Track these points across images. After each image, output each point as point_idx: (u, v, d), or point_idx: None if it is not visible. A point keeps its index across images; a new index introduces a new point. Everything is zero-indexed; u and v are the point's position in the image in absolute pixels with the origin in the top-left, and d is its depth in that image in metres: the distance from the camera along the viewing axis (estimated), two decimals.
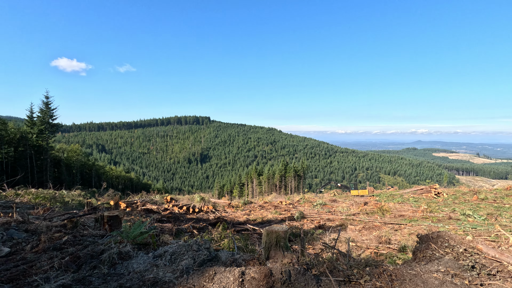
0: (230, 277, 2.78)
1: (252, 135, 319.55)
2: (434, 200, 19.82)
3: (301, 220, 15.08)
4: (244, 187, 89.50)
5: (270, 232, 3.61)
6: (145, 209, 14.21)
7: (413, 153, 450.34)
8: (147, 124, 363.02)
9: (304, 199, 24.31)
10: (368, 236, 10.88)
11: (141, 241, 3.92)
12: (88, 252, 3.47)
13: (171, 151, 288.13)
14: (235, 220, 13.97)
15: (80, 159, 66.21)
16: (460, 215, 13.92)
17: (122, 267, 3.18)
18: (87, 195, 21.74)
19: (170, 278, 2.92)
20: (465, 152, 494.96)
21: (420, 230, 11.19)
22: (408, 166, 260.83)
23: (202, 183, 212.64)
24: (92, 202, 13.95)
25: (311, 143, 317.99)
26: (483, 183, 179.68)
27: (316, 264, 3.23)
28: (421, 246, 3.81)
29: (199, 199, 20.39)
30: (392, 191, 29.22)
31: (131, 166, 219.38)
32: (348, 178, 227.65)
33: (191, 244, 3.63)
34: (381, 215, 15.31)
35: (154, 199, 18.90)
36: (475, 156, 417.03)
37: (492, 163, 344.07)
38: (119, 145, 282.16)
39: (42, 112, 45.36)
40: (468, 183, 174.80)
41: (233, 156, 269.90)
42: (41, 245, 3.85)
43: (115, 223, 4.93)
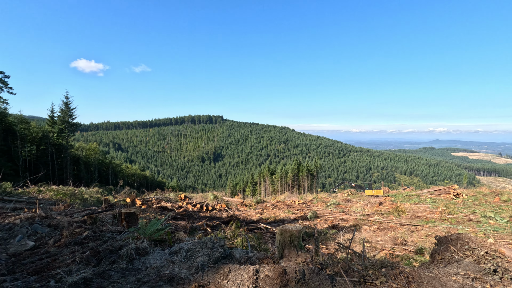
0: (244, 274, 2.81)
1: (264, 134, 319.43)
2: (452, 201, 19.19)
3: (314, 219, 14.97)
4: (256, 186, 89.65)
5: (284, 231, 3.61)
6: (160, 207, 14.50)
7: (431, 152, 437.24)
8: (162, 123, 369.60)
9: (317, 198, 24.10)
10: (383, 237, 10.67)
11: (157, 238, 4.02)
12: (107, 247, 3.59)
13: (185, 150, 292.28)
14: (248, 219, 14.03)
15: (98, 157, 68.24)
16: (480, 217, 13.43)
17: (140, 263, 3.27)
18: (104, 192, 22.38)
19: (186, 274, 2.98)
20: (486, 152, 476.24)
21: (438, 232, 10.87)
22: (425, 166, 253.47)
23: (215, 182, 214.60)
24: (109, 199, 14.35)
25: (325, 142, 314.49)
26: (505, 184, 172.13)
27: (330, 264, 3.21)
28: (440, 248, 3.71)
29: (212, 197, 20.60)
30: (408, 191, 28.51)
31: (146, 165, 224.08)
32: (363, 177, 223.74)
33: (205, 241, 3.69)
34: (397, 216, 14.98)
35: (168, 197, 19.25)
36: (497, 156, 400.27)
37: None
38: (135, 144, 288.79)
39: (62, 112, 47.04)
40: (489, 184, 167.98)
41: (246, 155, 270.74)
42: (63, 239, 4.02)
43: (132, 219, 5.07)
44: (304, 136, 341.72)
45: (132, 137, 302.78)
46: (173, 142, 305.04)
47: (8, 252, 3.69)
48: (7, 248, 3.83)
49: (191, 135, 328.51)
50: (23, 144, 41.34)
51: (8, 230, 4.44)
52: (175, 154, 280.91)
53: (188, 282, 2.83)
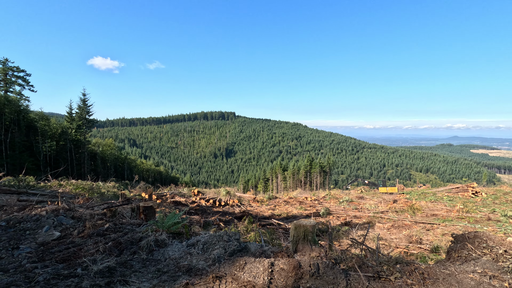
0: (259, 267, 2.89)
1: (277, 130, 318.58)
2: (471, 199, 18.65)
3: (326, 216, 14.93)
4: (268, 182, 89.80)
5: (298, 226, 3.67)
6: (174, 201, 14.83)
7: (448, 149, 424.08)
8: (175, 119, 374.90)
9: (330, 195, 23.95)
10: (397, 235, 10.55)
11: (175, 231, 4.16)
12: (128, 238, 3.76)
13: (198, 146, 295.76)
14: (260, 215, 14.15)
15: (114, 153, 70.09)
16: (500, 216, 13.02)
17: (159, 254, 3.41)
18: (121, 187, 23.03)
19: (203, 265, 3.09)
20: (508, 149, 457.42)
21: (455, 230, 10.64)
22: (442, 163, 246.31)
23: (227, 177, 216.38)
24: (125, 193, 14.80)
25: (338, 139, 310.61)
26: None
27: (344, 259, 3.24)
28: (456, 246, 3.67)
29: (225, 193, 20.84)
30: (424, 189, 27.87)
31: (160, 160, 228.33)
32: (376, 174, 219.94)
33: (221, 235, 3.80)
34: (412, 214, 14.72)
35: (182, 192, 19.62)
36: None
37: None
38: (149, 140, 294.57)
39: (80, 109, 48.53)
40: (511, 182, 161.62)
41: (258, 151, 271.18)
42: (86, 230, 4.23)
43: (150, 213, 5.25)
44: (316, 132, 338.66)
45: (146, 133, 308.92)
46: (186, 138, 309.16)
47: (37, 242, 3.92)
48: (35, 238, 4.07)
49: (204, 131, 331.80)
50: (43, 140, 42.99)
51: (35, 221, 4.70)
52: (188, 150, 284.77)
53: (206, 273, 2.93)
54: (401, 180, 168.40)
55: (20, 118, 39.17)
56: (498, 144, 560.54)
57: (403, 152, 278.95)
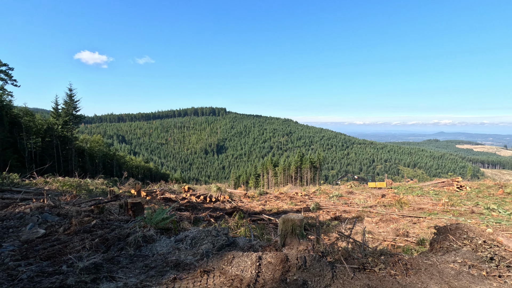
0: (247, 261, 2.92)
1: (267, 126, 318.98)
2: (456, 193, 19.21)
3: (316, 211, 15.11)
4: (259, 178, 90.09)
5: (286, 220, 3.71)
6: (164, 198, 14.72)
7: (435, 145, 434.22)
8: (165, 115, 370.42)
9: (320, 190, 24.23)
10: (385, 229, 10.78)
11: (163, 227, 4.14)
12: (115, 235, 3.72)
13: (188, 142, 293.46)
14: (251, 210, 14.21)
15: (102, 149, 68.84)
16: (483, 209, 13.46)
17: (147, 249, 3.39)
18: (109, 183, 22.68)
19: (191, 260, 3.10)
20: (491, 144, 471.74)
21: (440, 223, 10.94)
22: (429, 159, 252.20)
23: (218, 174, 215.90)
24: (114, 190, 14.60)
25: (328, 134, 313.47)
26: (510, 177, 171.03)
27: (331, 252, 3.31)
28: (439, 237, 3.79)
29: (216, 189, 20.79)
30: (411, 183, 28.52)
31: (150, 156, 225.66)
32: (366, 170, 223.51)
33: (210, 230, 3.80)
34: (399, 208, 15.06)
35: (172, 188, 19.47)
36: (502, 148, 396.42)
37: None
38: (138, 136, 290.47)
39: (66, 104, 47.33)
40: (494, 176, 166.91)
41: (249, 147, 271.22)
42: (72, 227, 4.16)
43: (138, 209, 5.21)
44: (307, 128, 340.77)
45: (135, 129, 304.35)
46: (176, 134, 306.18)
47: (21, 239, 3.84)
48: (19, 236, 3.98)
49: (194, 127, 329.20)
50: (28, 136, 41.82)
51: (19, 219, 4.59)
52: (179, 146, 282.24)
53: (194, 267, 2.94)
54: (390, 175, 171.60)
55: (3, 114, 37.92)
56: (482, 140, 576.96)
57: (392, 148, 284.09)
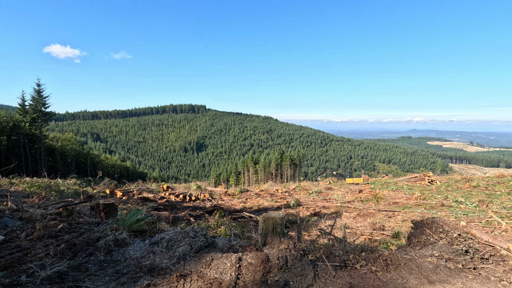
0: (227, 263, 2.79)
1: (248, 124, 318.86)
2: (427, 187, 20.11)
3: (296, 207, 15.22)
4: (240, 175, 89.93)
5: (267, 218, 3.61)
6: (142, 198, 14.22)
7: (408, 141, 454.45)
8: (142, 112, 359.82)
9: (300, 187, 24.50)
10: (362, 223, 11.04)
11: (138, 229, 3.91)
12: (84, 239, 3.45)
13: (167, 140, 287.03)
14: (231, 208, 14.06)
15: (75, 148, 65.65)
16: (452, 202, 14.16)
17: (119, 254, 3.17)
18: (83, 183, 21.64)
19: (167, 264, 2.92)
20: (459, 141, 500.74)
21: (413, 216, 11.37)
22: (403, 155, 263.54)
23: (198, 172, 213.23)
24: (87, 190, 13.89)
25: (307, 132, 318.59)
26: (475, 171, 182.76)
27: (312, 250, 3.25)
28: (416, 232, 3.86)
29: (196, 187, 20.41)
30: (386, 179, 29.56)
31: (127, 155, 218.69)
32: (344, 166, 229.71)
33: (188, 231, 3.63)
34: (376, 203, 15.51)
35: (150, 187, 18.88)
36: (468, 144, 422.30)
37: (485, 151, 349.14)
38: (114, 134, 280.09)
39: (34, 100, 44.52)
40: (461, 171, 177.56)
41: (229, 145, 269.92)
42: (36, 232, 3.82)
43: (111, 211, 4.91)
44: (287, 125, 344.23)
45: (111, 127, 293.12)
46: (154, 132, 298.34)
47: None
48: None
49: (173, 124, 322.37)
50: None
51: None
52: (157, 144, 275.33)
53: (170, 272, 2.77)
54: (366, 171, 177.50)
55: None
56: (451, 136, 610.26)
57: (368, 145, 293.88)
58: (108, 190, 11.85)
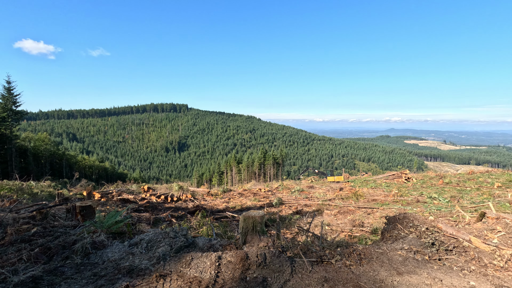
0: (207, 261, 2.83)
1: (231, 123, 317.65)
2: (404, 184, 20.95)
3: (279, 206, 15.40)
4: (223, 175, 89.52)
5: (247, 217, 3.68)
6: (121, 199, 13.88)
7: (386, 140, 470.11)
8: (122, 111, 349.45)
9: (283, 186, 24.78)
10: (343, 220, 11.37)
11: (116, 230, 3.86)
12: (60, 243, 3.37)
13: (148, 140, 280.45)
14: (214, 208, 14.01)
15: (49, 149, 62.75)
16: (427, 198, 14.86)
17: (96, 257, 3.13)
18: (58, 186, 20.80)
19: (147, 265, 2.92)
20: (433, 139, 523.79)
21: (391, 213, 11.84)
22: (382, 153, 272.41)
23: (180, 172, 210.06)
24: (63, 193, 13.39)
25: (290, 131, 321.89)
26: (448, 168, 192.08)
27: (291, 246, 3.35)
28: (389, 227, 4.06)
29: (178, 188, 20.14)
30: (366, 177, 30.48)
31: (106, 156, 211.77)
32: (325, 165, 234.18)
33: (168, 231, 3.63)
34: (356, 200, 15.99)
35: (130, 188, 18.44)
36: (442, 143, 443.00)
37: (457, 149, 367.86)
38: (92, 134, 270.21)
39: (3, 98, 42.11)
40: (435, 168, 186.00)
41: (212, 145, 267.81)
42: (7, 237, 3.68)
43: (88, 213, 4.80)
44: (270, 125, 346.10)
45: (88, 127, 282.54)
46: (134, 132, 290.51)
47: None
48: None
49: (154, 124, 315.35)
50: None
51: None
52: (137, 144, 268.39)
53: (149, 272, 2.78)
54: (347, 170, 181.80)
55: None
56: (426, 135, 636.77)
57: (349, 144, 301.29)
58: (85, 192, 11.50)
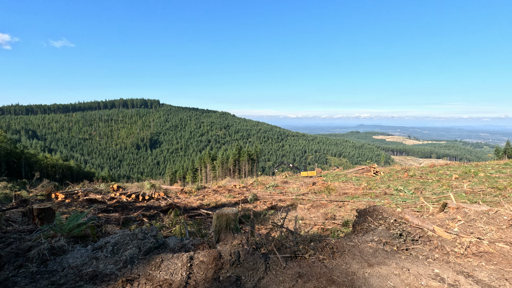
0: (178, 263, 2.71)
1: (205, 120, 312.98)
2: (373, 178, 21.91)
3: (254, 202, 15.44)
4: (197, 172, 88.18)
5: (221, 215, 3.59)
6: (88, 199, 13.15)
7: (356, 136, 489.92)
8: (88, 107, 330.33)
9: (258, 182, 24.89)
10: (316, 214, 11.63)
11: (79, 234, 3.59)
12: (12, 250, 3.06)
13: (117, 137, 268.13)
14: (188, 206, 13.73)
15: (5, 147, 57.87)
16: (393, 190, 15.66)
17: (55, 263, 2.88)
18: (15, 187, 19.25)
19: (112, 269, 2.74)
20: (399, 135, 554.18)
21: (360, 205, 12.32)
22: (352, 148, 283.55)
23: (152, 170, 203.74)
24: (21, 194, 12.41)
25: (264, 127, 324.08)
26: (412, 162, 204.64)
27: (265, 243, 3.32)
28: (359, 220, 4.17)
29: (149, 186, 19.47)
30: (337, 171, 31.51)
31: (70, 154, 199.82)
32: (299, 160, 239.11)
33: (136, 232, 3.44)
34: (328, 194, 16.45)
35: (98, 188, 17.50)
36: (407, 138, 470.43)
37: (420, 144, 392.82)
38: (55, 131, 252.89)
39: None
40: (401, 162, 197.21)
41: (186, 141, 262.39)
42: None
43: (48, 216, 4.43)
44: (244, 121, 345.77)
45: (50, 123, 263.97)
46: (102, 128, 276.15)
47: None
48: None
49: (124, 120, 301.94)
50: None
51: None
52: (106, 141, 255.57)
53: (115, 277, 2.60)
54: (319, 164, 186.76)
55: None
56: (393, 131, 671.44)
57: (321, 139, 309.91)
58: (46, 193, 10.73)
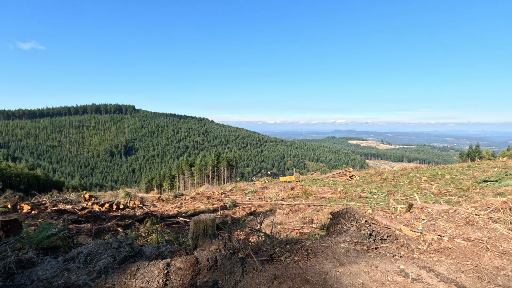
0: (154, 270, 2.70)
1: (182, 125, 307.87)
2: (349, 182, 22.62)
3: (233, 208, 15.40)
4: (175, 179, 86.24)
5: (198, 221, 3.61)
6: (57, 210, 12.49)
7: (333, 141, 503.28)
8: (57, 112, 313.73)
9: (237, 188, 24.84)
10: (294, 218, 11.82)
11: (48, 245, 3.45)
12: None
13: (89, 144, 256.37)
14: (165, 214, 13.43)
15: None
16: (368, 193, 16.28)
17: (23, 277, 2.75)
18: None
19: (85, 280, 2.67)
20: (373, 140, 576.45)
21: (337, 209, 12.69)
22: (329, 153, 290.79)
23: (127, 178, 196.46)
24: None
25: (243, 133, 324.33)
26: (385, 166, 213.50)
27: (242, 247, 3.38)
28: (333, 222, 4.35)
29: (124, 194, 18.80)
30: (315, 176, 32.20)
31: (37, 162, 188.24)
32: (278, 165, 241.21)
33: (111, 242, 3.37)
34: (306, 198, 16.77)
35: (68, 198, 16.65)
36: (380, 143, 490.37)
37: (392, 148, 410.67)
38: (19, 138, 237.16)
39: None
40: (375, 166, 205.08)
41: (162, 148, 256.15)
42: None
43: (14, 228, 4.21)
44: (223, 127, 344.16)
45: (15, 129, 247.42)
46: (72, 135, 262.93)
47: None
48: None
49: (97, 126, 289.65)
50: None
51: None
52: (76, 149, 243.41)
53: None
54: (298, 169, 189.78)
55: None
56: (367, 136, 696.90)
57: (299, 145, 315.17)
58: (10, 204, 10.08)
